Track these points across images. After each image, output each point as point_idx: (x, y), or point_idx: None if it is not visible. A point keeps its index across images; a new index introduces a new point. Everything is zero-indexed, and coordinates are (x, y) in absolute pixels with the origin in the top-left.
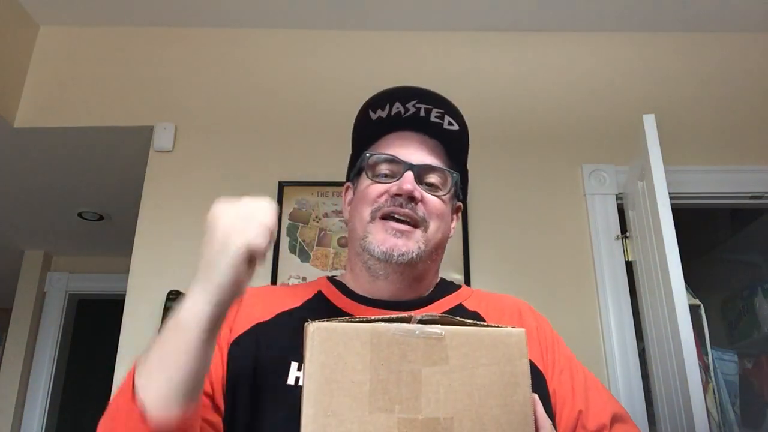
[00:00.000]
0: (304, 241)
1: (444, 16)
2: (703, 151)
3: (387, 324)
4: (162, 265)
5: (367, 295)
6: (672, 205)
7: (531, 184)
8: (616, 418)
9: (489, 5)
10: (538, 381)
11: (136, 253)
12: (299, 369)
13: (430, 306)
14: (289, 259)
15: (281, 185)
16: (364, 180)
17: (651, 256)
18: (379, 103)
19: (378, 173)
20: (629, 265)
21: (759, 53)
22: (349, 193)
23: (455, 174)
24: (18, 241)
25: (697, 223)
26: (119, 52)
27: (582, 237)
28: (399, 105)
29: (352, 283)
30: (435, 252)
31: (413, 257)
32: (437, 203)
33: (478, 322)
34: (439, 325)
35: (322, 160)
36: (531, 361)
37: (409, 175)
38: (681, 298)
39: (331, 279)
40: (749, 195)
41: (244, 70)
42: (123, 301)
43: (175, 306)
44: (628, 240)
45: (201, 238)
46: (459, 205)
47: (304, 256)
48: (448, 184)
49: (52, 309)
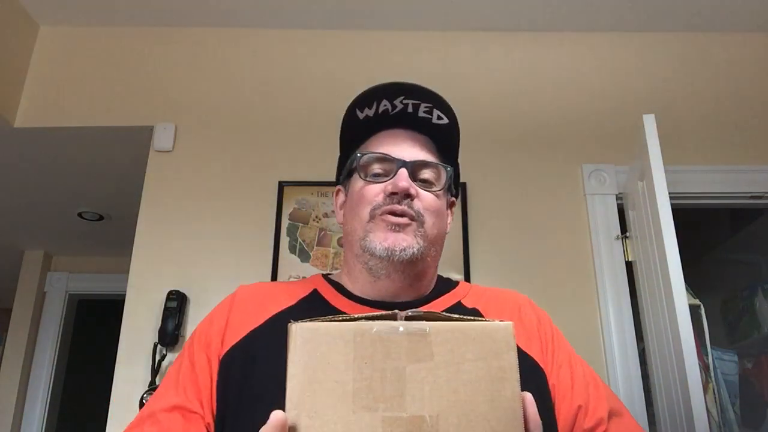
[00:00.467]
0: (304, 241)
1: (444, 16)
2: (703, 151)
3: (370, 322)
4: (162, 265)
5: (366, 297)
6: (672, 205)
7: (531, 184)
8: (614, 413)
9: (489, 5)
10: (538, 376)
11: (136, 253)
12: None
13: (428, 306)
14: (289, 259)
15: (281, 185)
16: (357, 181)
17: (651, 256)
18: (366, 102)
19: (371, 173)
20: (629, 265)
21: (759, 53)
22: (341, 196)
23: (449, 168)
24: (18, 241)
25: (697, 223)
26: (119, 52)
27: (582, 237)
28: (386, 102)
29: (350, 285)
30: (433, 248)
31: (414, 252)
32: (432, 199)
33: (464, 317)
34: (423, 322)
35: (322, 160)
36: (532, 358)
37: (403, 172)
38: (681, 298)
39: (326, 277)
40: (749, 195)
41: (244, 70)
42: (123, 301)
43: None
44: (628, 240)
45: (201, 237)
46: (453, 200)
47: (304, 256)
48: (442, 179)
49: (52, 309)
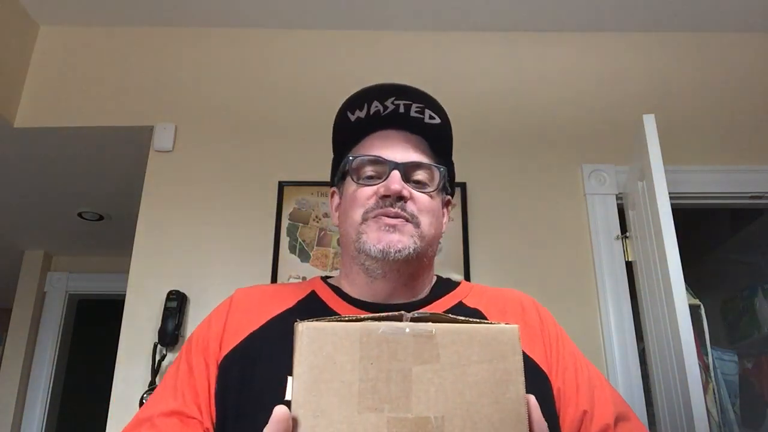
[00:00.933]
0: (304, 241)
1: (444, 16)
2: (703, 151)
3: (377, 323)
4: (162, 265)
5: (364, 299)
6: (672, 205)
7: (531, 184)
8: (620, 417)
9: (489, 5)
10: (541, 381)
11: (136, 253)
12: None
13: (429, 307)
14: (289, 259)
15: (281, 185)
16: (350, 184)
17: (651, 256)
18: (357, 104)
19: (363, 176)
20: (629, 265)
21: (759, 53)
22: (336, 198)
23: (442, 168)
24: (18, 241)
25: (697, 223)
26: (119, 52)
27: (582, 237)
28: (377, 103)
29: (347, 288)
30: (429, 248)
31: (410, 252)
32: (426, 200)
33: (471, 319)
34: (429, 323)
35: (322, 160)
36: (534, 362)
37: (395, 174)
38: (681, 298)
39: (324, 280)
40: (749, 195)
41: (245, 70)
42: (123, 301)
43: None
44: (628, 240)
45: (201, 237)
46: (448, 199)
47: (304, 256)
48: (435, 180)
49: (52, 309)
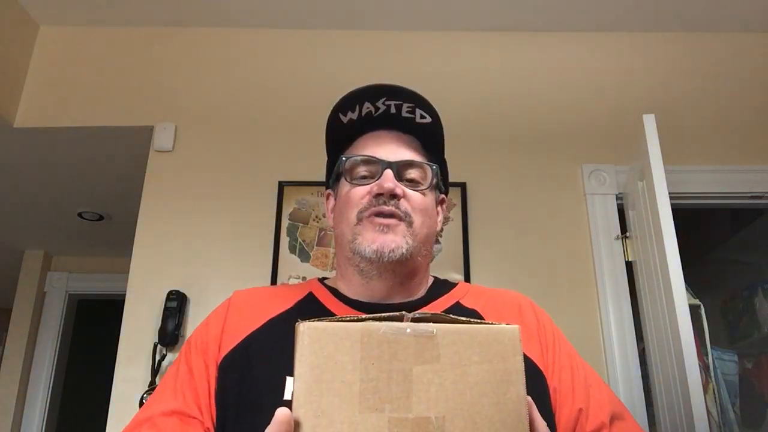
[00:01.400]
0: (304, 241)
1: (444, 16)
2: (703, 151)
3: (378, 323)
4: (162, 265)
5: (361, 299)
6: (672, 205)
7: (531, 184)
8: (616, 416)
9: (490, 5)
10: (538, 380)
11: (136, 253)
12: None
13: (426, 307)
14: (289, 259)
15: (281, 185)
16: (344, 185)
17: (651, 256)
18: (348, 105)
19: (357, 176)
20: (629, 265)
21: (759, 53)
22: (331, 200)
23: (434, 166)
24: (18, 241)
25: (697, 223)
26: (119, 52)
27: (582, 237)
28: (369, 104)
29: (344, 288)
30: (423, 247)
31: (404, 252)
32: (419, 198)
33: (471, 320)
34: (430, 323)
35: (322, 160)
36: (531, 360)
37: (388, 173)
38: (681, 298)
39: (322, 281)
40: (749, 195)
41: (244, 69)
42: (123, 301)
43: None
44: (628, 240)
45: (201, 237)
46: (443, 197)
47: (304, 256)
48: (428, 178)
49: (52, 309)
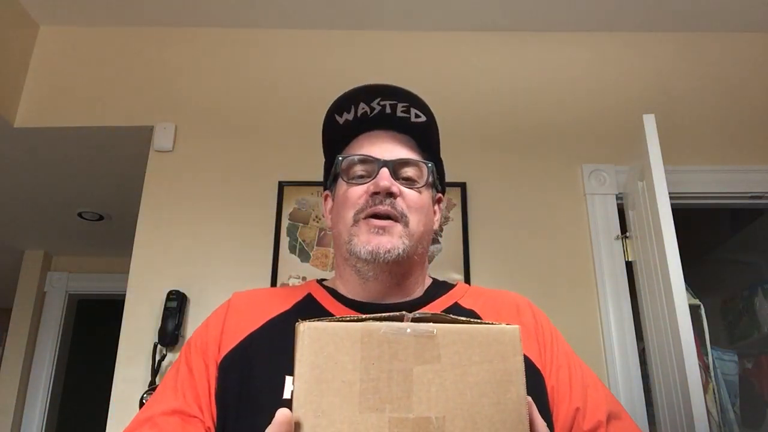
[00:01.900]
0: (304, 241)
1: (444, 16)
2: (703, 151)
3: (378, 323)
4: (162, 265)
5: (358, 299)
6: (672, 205)
7: (531, 184)
8: (612, 416)
9: (489, 5)
10: (536, 379)
11: (136, 253)
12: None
13: (425, 308)
14: (289, 259)
15: (281, 185)
16: (341, 184)
17: (651, 256)
18: (344, 106)
19: (353, 175)
20: (629, 265)
21: (759, 53)
22: (329, 201)
23: (430, 164)
24: (18, 241)
25: (697, 223)
26: (119, 52)
27: (582, 237)
28: (364, 105)
29: (342, 288)
30: (420, 245)
31: (399, 252)
32: (416, 196)
33: (471, 320)
34: (430, 323)
35: (322, 160)
36: (529, 359)
37: (384, 171)
38: (681, 298)
39: (320, 282)
40: (749, 195)
41: (244, 70)
42: (123, 301)
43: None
44: (628, 240)
45: (201, 237)
46: (440, 196)
47: (304, 256)
48: (424, 176)
49: (52, 309)
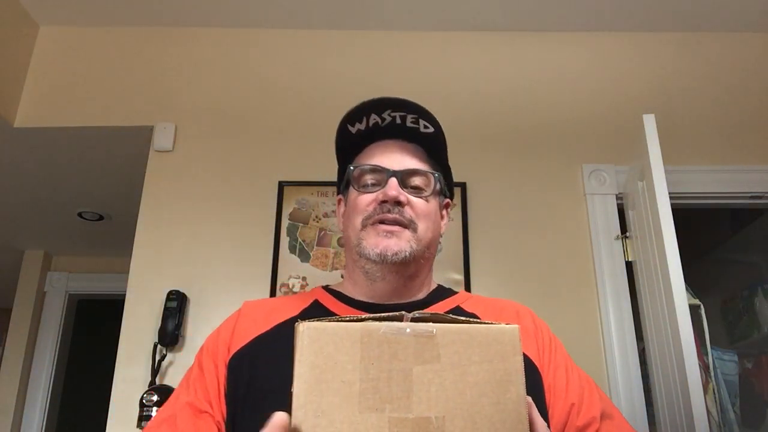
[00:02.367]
0: (304, 241)
1: (444, 16)
2: (703, 151)
3: (377, 323)
4: (162, 265)
5: (365, 299)
6: (672, 205)
7: (531, 184)
8: (606, 415)
9: (489, 5)
10: (533, 376)
11: (136, 253)
12: None
13: (428, 309)
14: (289, 259)
15: (281, 185)
16: (352, 192)
17: (651, 256)
18: (356, 117)
19: (364, 183)
20: (629, 265)
21: (759, 53)
22: (342, 206)
23: (437, 174)
24: (18, 241)
25: (697, 223)
26: (119, 52)
27: (582, 237)
28: (375, 116)
29: (350, 290)
30: (427, 250)
31: (407, 255)
32: (422, 204)
33: (471, 319)
34: (430, 323)
35: (322, 160)
36: (527, 356)
37: (393, 181)
38: (681, 298)
39: (326, 288)
40: (749, 195)
41: (244, 70)
42: (123, 301)
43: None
44: (628, 240)
45: (201, 237)
46: (447, 201)
47: (304, 256)
48: (431, 185)
49: (52, 309)
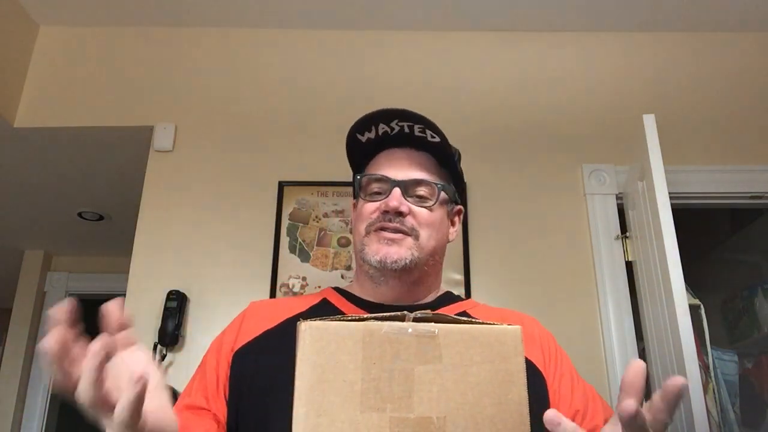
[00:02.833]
0: (304, 241)
1: (444, 16)
2: (703, 151)
3: (379, 322)
4: (162, 265)
5: (372, 300)
6: (672, 205)
7: (531, 184)
8: None
9: (489, 5)
10: (538, 381)
11: (136, 253)
12: None
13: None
14: (289, 259)
15: (281, 185)
16: (360, 199)
17: (651, 256)
18: (365, 126)
19: (370, 192)
20: (629, 265)
21: (759, 53)
22: (354, 211)
23: (440, 184)
24: (18, 241)
25: (697, 223)
26: (119, 52)
27: (582, 237)
28: (383, 125)
29: (358, 290)
30: (431, 258)
31: (407, 263)
32: (426, 213)
33: (473, 320)
34: (432, 323)
35: (322, 160)
36: (531, 362)
37: (396, 191)
38: (681, 298)
39: (336, 289)
40: (749, 195)
41: (245, 70)
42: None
43: None
44: (628, 240)
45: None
46: (458, 208)
47: (304, 256)
48: (435, 194)
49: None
